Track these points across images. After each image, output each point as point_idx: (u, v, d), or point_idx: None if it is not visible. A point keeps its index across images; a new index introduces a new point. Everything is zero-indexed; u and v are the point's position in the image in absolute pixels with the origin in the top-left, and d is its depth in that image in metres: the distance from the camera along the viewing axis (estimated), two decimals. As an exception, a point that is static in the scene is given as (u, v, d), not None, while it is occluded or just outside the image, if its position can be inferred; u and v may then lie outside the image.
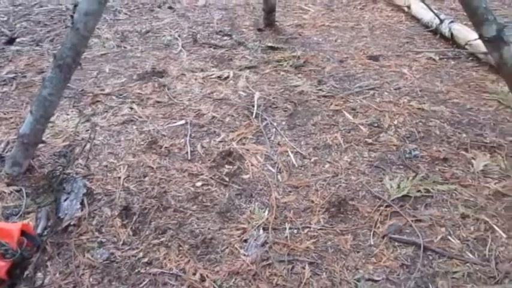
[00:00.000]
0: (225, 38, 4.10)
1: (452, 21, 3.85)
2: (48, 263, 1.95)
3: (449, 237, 2.06)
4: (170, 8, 4.86)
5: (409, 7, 4.47)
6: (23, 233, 1.94)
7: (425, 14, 4.17)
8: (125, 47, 3.95)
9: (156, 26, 4.37)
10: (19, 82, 3.36)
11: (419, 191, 2.31)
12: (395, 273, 1.91)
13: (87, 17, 2.19)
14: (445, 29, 3.86)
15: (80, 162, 2.52)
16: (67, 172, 2.42)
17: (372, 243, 2.04)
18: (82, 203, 2.23)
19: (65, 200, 2.24)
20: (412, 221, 2.14)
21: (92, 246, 2.03)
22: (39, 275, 1.90)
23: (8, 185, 2.34)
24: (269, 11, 4.23)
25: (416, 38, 4.01)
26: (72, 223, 2.12)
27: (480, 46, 3.08)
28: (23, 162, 2.41)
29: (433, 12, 3.94)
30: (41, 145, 2.52)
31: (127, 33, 4.23)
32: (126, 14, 4.71)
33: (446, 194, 2.29)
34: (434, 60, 3.61)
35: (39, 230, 2.07)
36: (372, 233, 2.09)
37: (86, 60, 3.58)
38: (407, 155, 2.56)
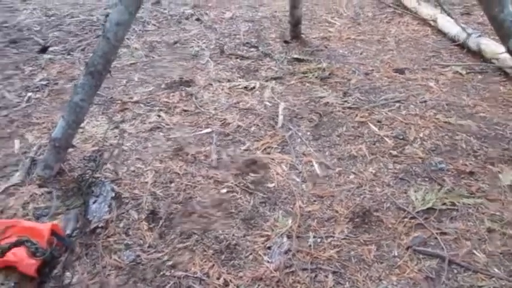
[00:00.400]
0: (252, 49, 4.15)
1: (479, 35, 3.84)
2: (76, 263, 2.00)
3: (474, 251, 2.04)
4: (198, 19, 4.94)
5: (435, 21, 4.46)
6: (53, 233, 2.00)
7: (452, 28, 4.16)
8: (153, 57, 4.03)
9: (183, 37, 4.45)
10: (51, 89, 3.46)
11: (444, 203, 2.30)
12: (419, 285, 1.90)
13: (118, 26, 2.26)
14: (472, 43, 3.84)
15: (108, 167, 2.58)
16: (96, 176, 2.47)
17: (396, 254, 2.04)
18: (110, 206, 2.28)
19: (94, 203, 2.29)
20: (436, 233, 2.13)
21: (119, 248, 2.07)
22: (68, 274, 1.95)
23: (40, 186, 2.41)
24: (295, 24, 4.28)
25: (442, 52, 4.00)
26: (100, 225, 2.17)
27: (508, 60, 3.07)
28: (54, 166, 2.48)
29: (460, 26, 3.95)
30: (71, 149, 2.58)
31: (155, 43, 4.31)
32: (154, 25, 4.80)
33: (472, 208, 2.28)
34: (461, 74, 3.59)
35: (68, 231, 2.13)
36: (396, 245, 2.09)
37: (115, 69, 3.66)
38: (432, 168, 2.55)
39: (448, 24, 4.25)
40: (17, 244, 1.92)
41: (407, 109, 3.11)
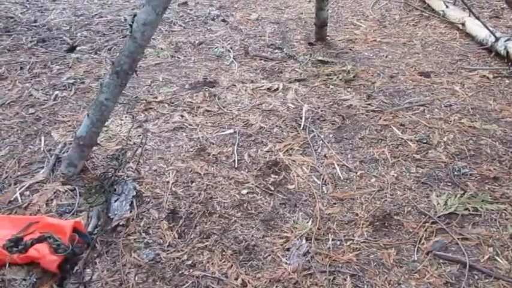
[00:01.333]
0: (276, 51, 4.16)
1: (508, 39, 3.76)
2: (97, 260, 2.03)
3: (496, 258, 2.01)
4: (223, 21, 4.96)
5: (463, 24, 4.39)
6: (75, 230, 2.04)
7: (480, 32, 4.08)
8: (178, 57, 4.07)
9: (209, 38, 4.48)
10: (77, 87, 3.52)
11: (467, 209, 2.27)
12: (438, 290, 1.88)
13: (145, 26, 2.28)
14: (500, 47, 3.77)
15: (131, 166, 2.61)
16: (118, 174, 2.51)
17: (416, 258, 2.02)
18: (131, 205, 2.31)
19: (115, 201, 2.32)
20: (458, 239, 2.10)
21: (139, 247, 2.10)
22: (88, 271, 1.98)
23: (63, 184, 2.45)
24: (321, 26, 4.26)
25: (470, 56, 3.94)
26: (121, 223, 2.20)
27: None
28: (78, 163, 2.52)
29: (489, 30, 3.88)
30: (95, 148, 2.62)
31: (181, 44, 4.35)
32: (180, 25, 4.84)
33: (495, 214, 2.24)
34: (488, 78, 3.52)
35: (90, 228, 2.16)
36: (416, 249, 2.07)
37: (140, 68, 3.70)
38: (456, 173, 2.51)
39: (476, 28, 4.17)
40: (39, 240, 1.96)
41: (431, 113, 3.07)
